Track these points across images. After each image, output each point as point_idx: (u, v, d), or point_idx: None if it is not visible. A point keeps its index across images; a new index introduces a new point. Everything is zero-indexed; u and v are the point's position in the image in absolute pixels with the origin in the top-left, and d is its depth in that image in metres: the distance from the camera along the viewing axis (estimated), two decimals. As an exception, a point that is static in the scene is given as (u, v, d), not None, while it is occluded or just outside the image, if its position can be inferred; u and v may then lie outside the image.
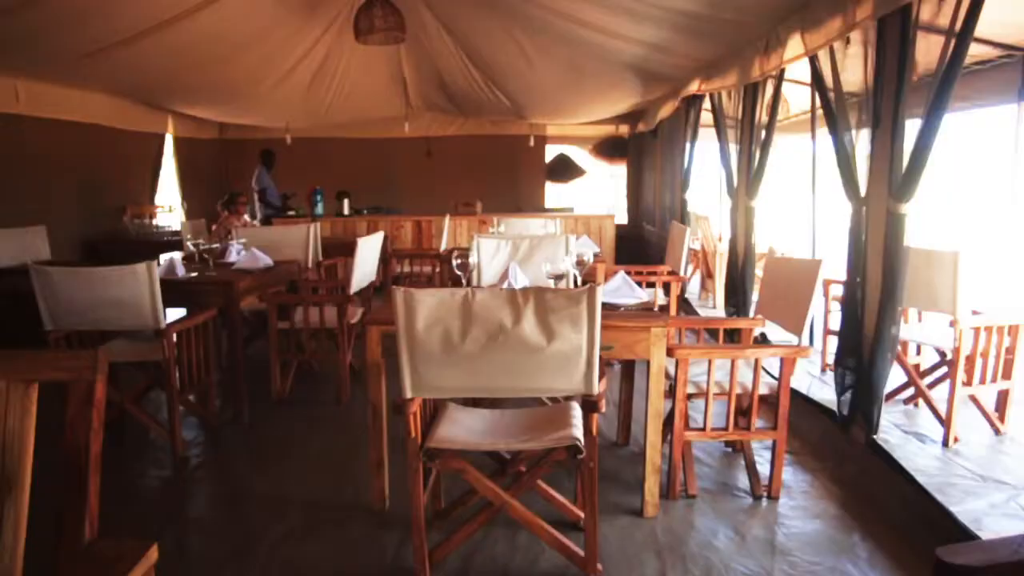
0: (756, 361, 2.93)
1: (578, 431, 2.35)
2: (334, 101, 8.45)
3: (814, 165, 5.38)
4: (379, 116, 9.49)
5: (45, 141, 6.66)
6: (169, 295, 3.90)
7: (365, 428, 3.12)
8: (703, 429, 3.02)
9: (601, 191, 11.87)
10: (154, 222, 8.28)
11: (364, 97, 8.63)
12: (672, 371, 2.99)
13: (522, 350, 2.16)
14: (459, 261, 3.27)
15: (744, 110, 5.55)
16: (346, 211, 9.14)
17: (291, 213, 9.09)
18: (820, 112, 5.61)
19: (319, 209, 9.11)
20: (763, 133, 5.18)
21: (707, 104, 6.69)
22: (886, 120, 3.35)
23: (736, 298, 5.56)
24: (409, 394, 2.24)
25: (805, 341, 2.94)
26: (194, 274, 4.15)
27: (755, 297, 5.70)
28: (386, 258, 7.29)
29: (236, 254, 4.72)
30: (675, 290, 5.13)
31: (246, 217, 7.19)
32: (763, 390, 2.99)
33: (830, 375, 4.72)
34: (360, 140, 10.19)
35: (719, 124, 6.16)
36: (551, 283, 3.06)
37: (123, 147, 7.99)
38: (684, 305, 6.85)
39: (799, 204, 8.24)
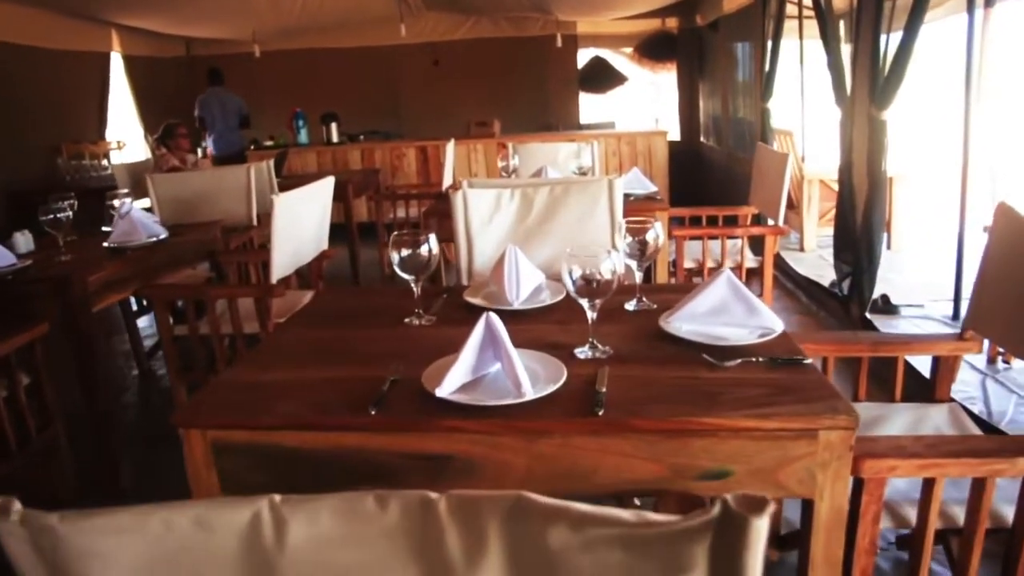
0: (1036, 475, 1.34)
1: None
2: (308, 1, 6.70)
3: (969, 56, 3.69)
4: (368, 18, 7.65)
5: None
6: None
7: None
8: (905, 599, 1.47)
9: (644, 102, 9.99)
10: (102, 163, 6.76)
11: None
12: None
13: None
14: (406, 252, 1.70)
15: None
16: (335, 138, 7.52)
17: (269, 143, 7.52)
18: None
19: (302, 136, 7.52)
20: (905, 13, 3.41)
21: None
22: None
23: (855, 253, 3.88)
24: None
25: None
26: (26, 263, 2.64)
27: (885, 249, 4.08)
28: (379, 199, 5.76)
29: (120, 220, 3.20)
30: (771, 247, 3.47)
31: (196, 154, 5.66)
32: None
33: (1011, 375, 3.20)
34: (349, 50, 8.30)
35: (821, 5, 4.35)
36: (584, 305, 1.49)
37: (52, 71, 6.40)
38: (777, 261, 5.18)
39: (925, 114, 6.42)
